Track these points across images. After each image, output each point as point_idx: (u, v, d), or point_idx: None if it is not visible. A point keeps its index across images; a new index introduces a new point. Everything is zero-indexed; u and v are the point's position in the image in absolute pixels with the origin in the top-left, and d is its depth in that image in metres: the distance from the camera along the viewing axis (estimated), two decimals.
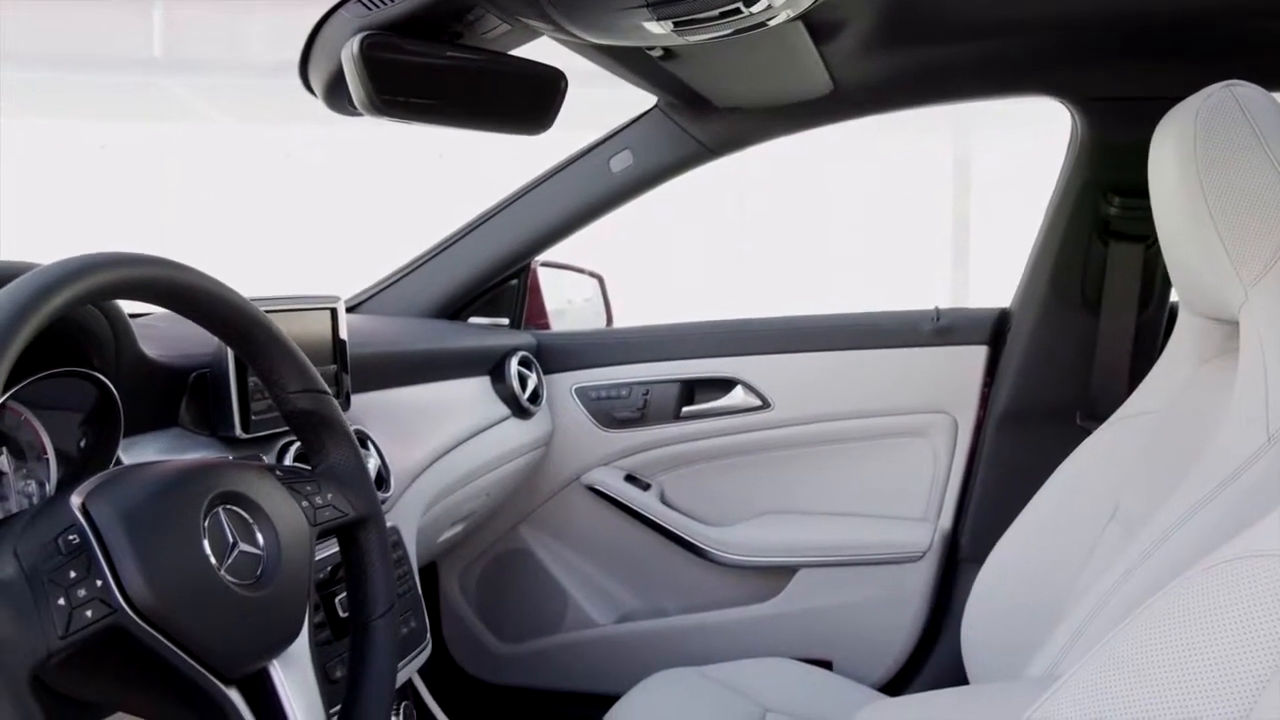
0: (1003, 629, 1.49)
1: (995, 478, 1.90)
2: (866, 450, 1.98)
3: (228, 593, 0.79)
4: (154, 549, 0.75)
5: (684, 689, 1.64)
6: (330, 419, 0.97)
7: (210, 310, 0.88)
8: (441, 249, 1.98)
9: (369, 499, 0.98)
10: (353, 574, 0.98)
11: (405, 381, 1.61)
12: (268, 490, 0.87)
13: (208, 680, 0.77)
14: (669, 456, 2.02)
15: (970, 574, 1.60)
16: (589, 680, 2.06)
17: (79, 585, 0.71)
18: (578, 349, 2.04)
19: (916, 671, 1.95)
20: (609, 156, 1.89)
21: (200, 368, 1.16)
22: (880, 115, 1.85)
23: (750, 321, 2.04)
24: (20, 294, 0.71)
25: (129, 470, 0.81)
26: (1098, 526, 1.40)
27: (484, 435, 1.74)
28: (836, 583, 1.96)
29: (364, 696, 0.93)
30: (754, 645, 1.95)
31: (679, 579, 2.04)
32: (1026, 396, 1.87)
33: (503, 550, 2.11)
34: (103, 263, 0.77)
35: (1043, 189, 1.90)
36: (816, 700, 1.64)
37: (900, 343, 1.94)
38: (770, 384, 1.97)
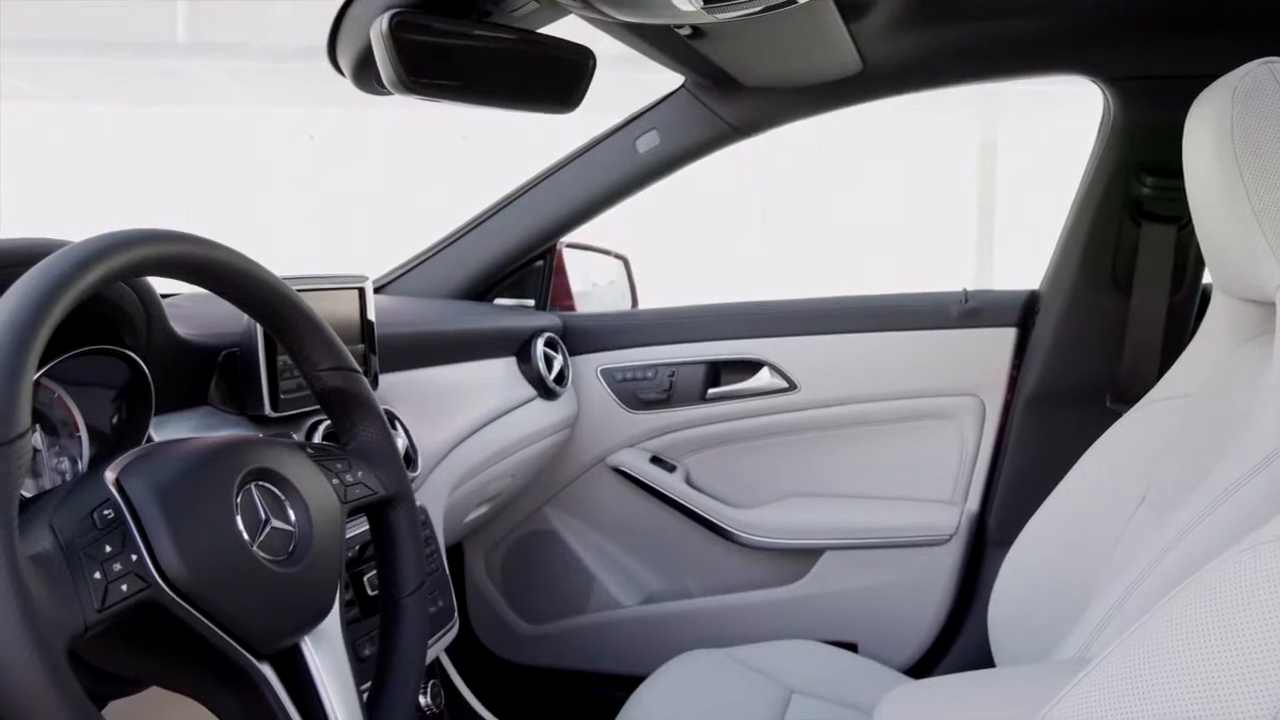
0: (1030, 612, 1.48)
1: (1023, 460, 1.89)
2: (893, 433, 1.97)
3: (260, 569, 0.79)
4: (188, 524, 0.75)
5: (709, 670, 1.64)
6: (360, 397, 0.97)
7: (242, 287, 0.88)
8: (467, 230, 1.98)
9: (399, 477, 0.99)
10: (383, 552, 0.98)
11: (432, 362, 1.61)
12: (299, 467, 0.88)
13: (241, 655, 0.77)
14: (695, 438, 2.01)
15: (997, 557, 1.59)
16: (614, 661, 2.06)
17: (114, 559, 0.71)
18: (603, 330, 2.04)
19: (943, 654, 1.95)
20: (635, 137, 1.88)
21: (230, 347, 1.16)
22: (908, 96, 1.83)
23: (777, 303, 2.03)
24: (56, 269, 0.72)
25: (162, 446, 0.82)
26: (1128, 510, 1.39)
27: (510, 416, 1.75)
28: (862, 565, 1.95)
29: (394, 674, 0.93)
30: (779, 627, 1.95)
31: (704, 561, 2.04)
32: (1056, 379, 1.86)
33: (528, 531, 2.11)
34: (137, 239, 0.77)
35: (1069, 173, 1.88)
36: (842, 682, 1.63)
37: (928, 325, 1.93)
38: (797, 366, 1.96)
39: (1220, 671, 0.64)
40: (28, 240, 0.88)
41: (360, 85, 1.37)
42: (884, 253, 6.93)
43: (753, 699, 1.56)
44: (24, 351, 0.67)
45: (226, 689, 0.79)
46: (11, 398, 0.66)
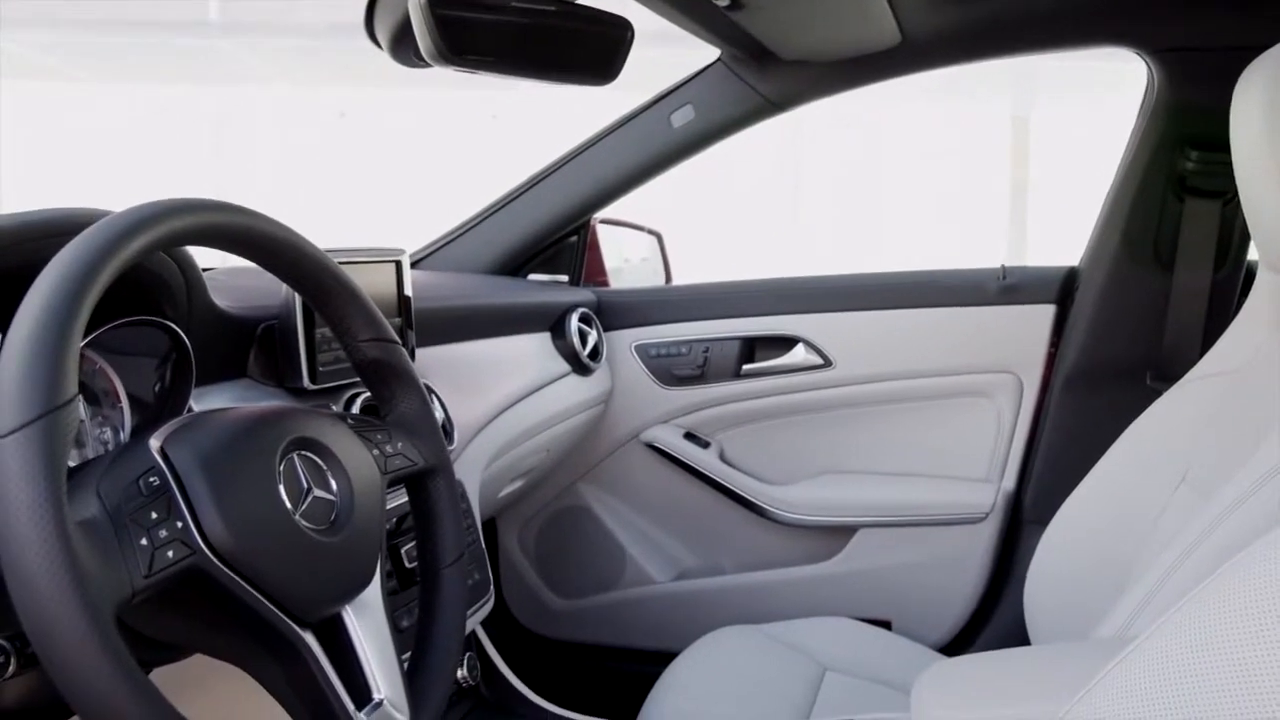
0: (1067, 591, 1.47)
1: (1061, 439, 1.87)
2: (929, 410, 1.96)
3: (303, 537, 0.80)
4: (231, 492, 0.75)
5: (743, 646, 1.64)
6: (400, 368, 0.97)
7: (283, 258, 0.88)
8: (502, 205, 1.98)
9: (438, 449, 0.99)
10: (422, 523, 0.99)
11: (467, 336, 1.61)
12: (340, 437, 0.88)
13: (284, 623, 0.78)
14: (729, 414, 2.01)
15: (1033, 536, 1.58)
16: (646, 637, 2.07)
17: (160, 526, 0.72)
18: (638, 306, 2.03)
19: (977, 633, 1.94)
20: (670, 111, 1.87)
21: (268, 319, 1.17)
22: (941, 73, 1.80)
23: (812, 279, 2.01)
24: (100, 238, 0.72)
25: (206, 415, 0.82)
26: (1167, 489, 1.37)
27: (545, 391, 1.75)
28: (897, 543, 1.94)
29: (434, 644, 0.94)
30: (812, 604, 1.94)
31: (737, 537, 2.03)
32: (1095, 356, 1.83)
33: (561, 507, 2.11)
34: (180, 208, 0.77)
35: (1103, 150, 1.86)
36: (876, 660, 1.63)
37: (965, 301, 1.91)
38: (832, 342, 1.95)
39: (1263, 653, 0.63)
40: (71, 210, 0.88)
41: (398, 58, 1.36)
42: (916, 230, 6.88)
43: (786, 676, 1.56)
44: (71, 319, 0.68)
45: (270, 656, 0.80)
46: (59, 364, 0.66)
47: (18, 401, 0.64)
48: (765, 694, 1.52)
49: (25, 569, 0.62)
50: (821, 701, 1.52)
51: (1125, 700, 0.73)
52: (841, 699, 1.52)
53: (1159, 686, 0.69)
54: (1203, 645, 0.67)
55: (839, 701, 1.52)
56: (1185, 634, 0.69)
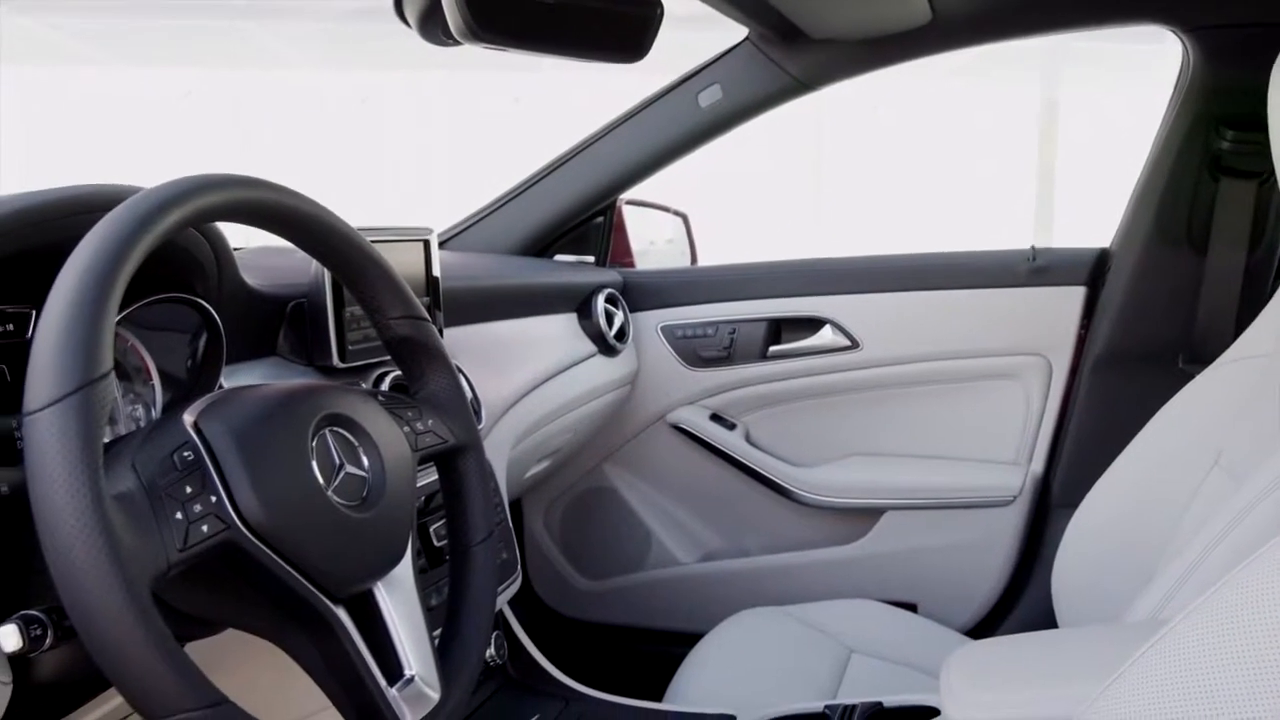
0: (1096, 575, 1.46)
1: (1091, 422, 1.86)
2: (957, 392, 1.94)
3: (335, 513, 0.80)
4: (265, 468, 0.75)
5: (769, 628, 1.64)
6: (430, 345, 0.97)
7: (314, 234, 0.88)
8: (528, 186, 1.97)
9: (468, 426, 0.99)
10: (452, 501, 0.99)
11: (494, 316, 1.61)
12: (372, 414, 0.88)
13: (317, 598, 0.78)
14: (755, 396, 2.00)
15: (1062, 519, 1.57)
16: (671, 618, 2.07)
17: (195, 500, 0.72)
18: (664, 287, 2.03)
19: (1004, 617, 1.93)
20: (697, 91, 1.86)
21: (298, 297, 1.17)
22: (968, 54, 1.79)
23: (840, 260, 2.00)
24: (135, 212, 0.72)
25: (238, 391, 0.82)
26: (1199, 473, 1.36)
27: (571, 372, 1.74)
28: (924, 526, 1.93)
29: (465, 620, 0.94)
30: (838, 587, 1.94)
31: (763, 519, 2.03)
32: (1126, 338, 1.82)
33: (587, 487, 2.12)
34: (214, 183, 0.77)
35: (1133, 133, 1.84)
36: (902, 642, 1.63)
37: (994, 283, 1.90)
38: (859, 324, 1.93)
39: None
40: (103, 186, 0.89)
41: (426, 36, 1.36)
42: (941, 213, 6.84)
43: (813, 657, 1.56)
44: (106, 293, 0.68)
45: (302, 631, 0.80)
46: (95, 338, 0.66)
47: (54, 375, 0.65)
48: (791, 675, 1.52)
49: (62, 540, 0.62)
50: (848, 683, 1.52)
51: (1158, 684, 0.73)
52: (868, 681, 1.52)
53: (1192, 671, 0.68)
54: (1237, 630, 0.66)
55: (865, 683, 1.51)
56: (1219, 619, 0.69)
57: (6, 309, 0.87)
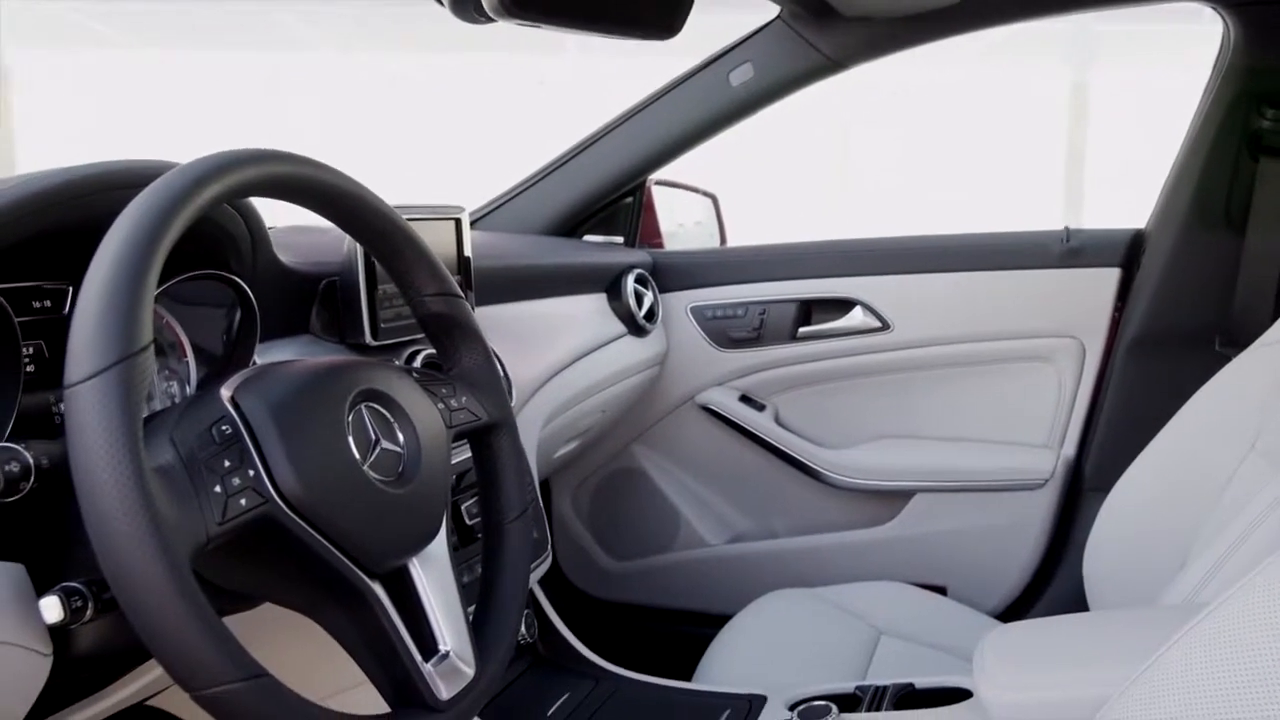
0: (1128, 558, 1.45)
1: (1124, 405, 1.84)
2: (988, 374, 1.93)
3: (371, 488, 0.80)
4: (301, 442, 0.76)
5: (798, 609, 1.64)
6: (464, 322, 0.97)
7: (349, 210, 0.88)
8: (557, 165, 1.97)
9: (502, 403, 0.98)
10: (486, 478, 0.98)
11: (524, 296, 1.61)
12: (407, 390, 0.88)
13: (354, 573, 0.78)
14: (785, 377, 1.99)
15: (1094, 503, 1.56)
16: (700, 599, 2.07)
17: (233, 474, 0.72)
18: (694, 267, 2.02)
19: (1034, 600, 1.92)
20: (728, 70, 1.84)
21: (330, 275, 1.17)
22: (996, 36, 1.76)
23: (871, 241, 1.99)
24: (173, 186, 0.72)
25: (274, 366, 0.82)
26: (1235, 457, 1.35)
27: (601, 352, 1.74)
28: (953, 508, 1.92)
29: (498, 598, 0.94)
30: (866, 569, 1.93)
31: (792, 501, 2.02)
32: (1161, 321, 1.80)
33: (616, 468, 2.11)
34: (251, 158, 0.77)
35: (1165, 116, 1.81)
36: (932, 625, 1.62)
37: (1027, 264, 1.88)
38: (890, 305, 1.92)
39: None
40: (138, 162, 0.89)
41: (459, 14, 1.35)
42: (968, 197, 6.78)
43: (841, 639, 1.56)
44: (146, 267, 0.68)
45: (339, 606, 0.80)
46: (135, 311, 0.66)
47: (95, 347, 0.65)
48: (820, 657, 1.52)
49: (104, 512, 0.62)
50: (877, 664, 1.51)
51: (1200, 665, 0.72)
52: (897, 663, 1.52)
53: (1236, 651, 0.68)
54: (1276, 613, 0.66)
55: (895, 665, 1.51)
56: (1258, 602, 0.68)
57: (44, 285, 0.87)
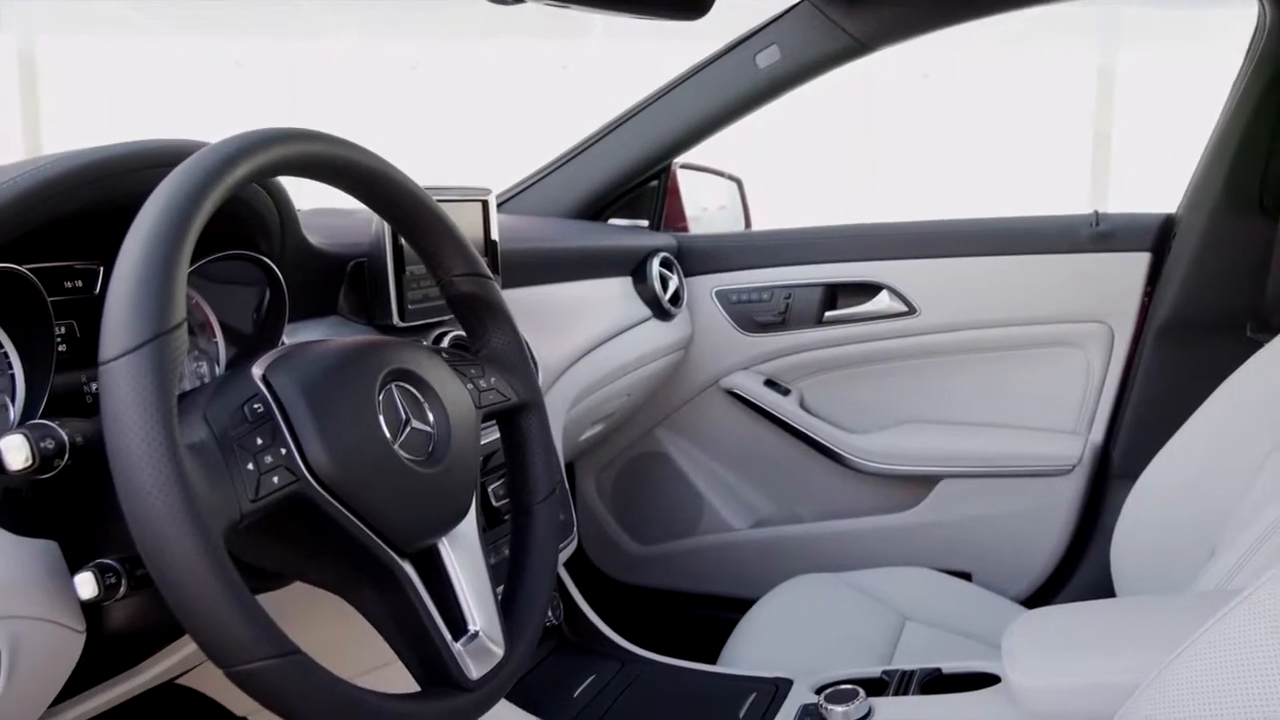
0: (1157, 546, 1.44)
1: (1154, 390, 1.82)
2: (1016, 359, 1.92)
3: (402, 467, 0.80)
4: (333, 421, 0.75)
5: (822, 594, 1.64)
6: (493, 303, 0.97)
7: (379, 190, 0.88)
8: (583, 149, 1.96)
9: (531, 384, 0.98)
10: (514, 459, 0.98)
11: (550, 279, 1.60)
12: (436, 370, 0.87)
13: (384, 552, 0.78)
14: (810, 362, 1.98)
15: (1122, 489, 1.55)
16: (723, 584, 2.07)
17: (265, 452, 0.72)
18: (719, 251, 2.01)
19: (1060, 587, 1.91)
20: (755, 52, 1.83)
21: (358, 257, 1.17)
22: (1022, 21, 1.74)
23: (898, 225, 1.97)
24: (205, 164, 0.72)
25: (305, 345, 0.82)
26: (1266, 444, 1.33)
27: (626, 335, 1.74)
28: (979, 494, 1.91)
29: (528, 578, 0.94)
30: (891, 554, 1.92)
31: (816, 486, 2.02)
32: (1192, 306, 1.78)
33: (640, 452, 2.11)
34: (283, 136, 0.77)
35: (1191, 102, 1.79)
36: (957, 610, 1.62)
37: (1055, 248, 1.86)
38: (917, 290, 1.91)
39: None
40: (169, 141, 0.89)
41: None
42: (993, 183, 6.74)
43: (866, 624, 1.55)
44: (179, 244, 0.68)
45: (369, 584, 0.80)
46: (168, 289, 0.66)
47: (128, 325, 0.65)
48: (845, 641, 1.52)
49: (139, 487, 0.62)
50: (902, 650, 1.51)
51: (1237, 650, 0.71)
52: (922, 648, 1.51)
53: (1269, 640, 0.67)
54: None
55: (920, 650, 1.51)
56: None
57: (75, 265, 0.88)
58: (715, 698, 1.33)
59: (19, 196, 0.76)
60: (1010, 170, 6.80)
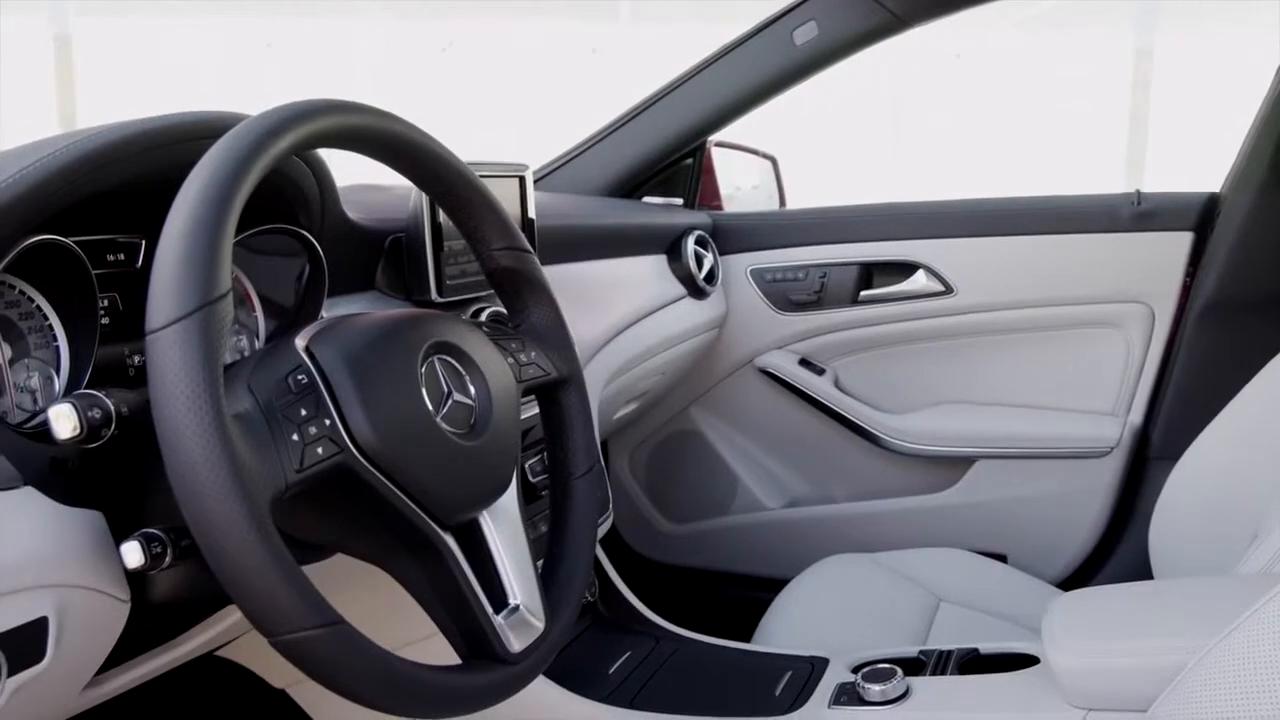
0: (1197, 529, 1.42)
1: (1195, 372, 1.80)
2: (1054, 340, 1.90)
3: (444, 440, 0.80)
4: (376, 393, 0.75)
5: (856, 574, 1.63)
6: (533, 277, 0.96)
7: (421, 162, 0.87)
8: (617, 126, 1.95)
9: (570, 359, 0.98)
10: (554, 434, 0.98)
11: (585, 256, 1.60)
12: (478, 344, 0.87)
13: (427, 524, 0.78)
14: (845, 341, 1.97)
15: (1161, 471, 1.53)
16: (756, 563, 2.06)
17: (310, 423, 0.72)
18: (754, 229, 2.00)
19: (1097, 569, 1.89)
20: (792, 28, 1.81)
21: (396, 232, 1.17)
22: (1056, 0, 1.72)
23: (935, 204, 1.96)
24: (251, 134, 0.72)
25: (348, 318, 0.82)
26: None
27: (660, 314, 1.73)
28: (1016, 475, 1.90)
29: (567, 553, 0.94)
30: (925, 536, 1.91)
31: (850, 466, 2.01)
32: (1235, 286, 1.75)
33: (673, 431, 2.11)
34: (327, 108, 0.77)
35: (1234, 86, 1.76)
36: (992, 592, 1.60)
37: (1095, 228, 1.84)
38: (954, 269, 1.89)
39: None
40: (211, 112, 0.89)
41: None
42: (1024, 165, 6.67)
43: (901, 604, 1.55)
44: (225, 213, 0.68)
45: (411, 557, 0.80)
46: (215, 258, 0.66)
47: (175, 294, 0.65)
48: (879, 621, 1.51)
49: (186, 457, 0.63)
50: (936, 631, 1.50)
51: None
52: (957, 629, 1.50)
53: None
54: None
55: (955, 631, 1.50)
56: None
57: (117, 239, 0.88)
58: (751, 675, 1.32)
59: (63, 169, 0.76)
60: (1042, 153, 6.72)
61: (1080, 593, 1.21)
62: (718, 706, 1.26)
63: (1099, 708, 1.08)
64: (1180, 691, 0.81)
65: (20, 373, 0.81)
